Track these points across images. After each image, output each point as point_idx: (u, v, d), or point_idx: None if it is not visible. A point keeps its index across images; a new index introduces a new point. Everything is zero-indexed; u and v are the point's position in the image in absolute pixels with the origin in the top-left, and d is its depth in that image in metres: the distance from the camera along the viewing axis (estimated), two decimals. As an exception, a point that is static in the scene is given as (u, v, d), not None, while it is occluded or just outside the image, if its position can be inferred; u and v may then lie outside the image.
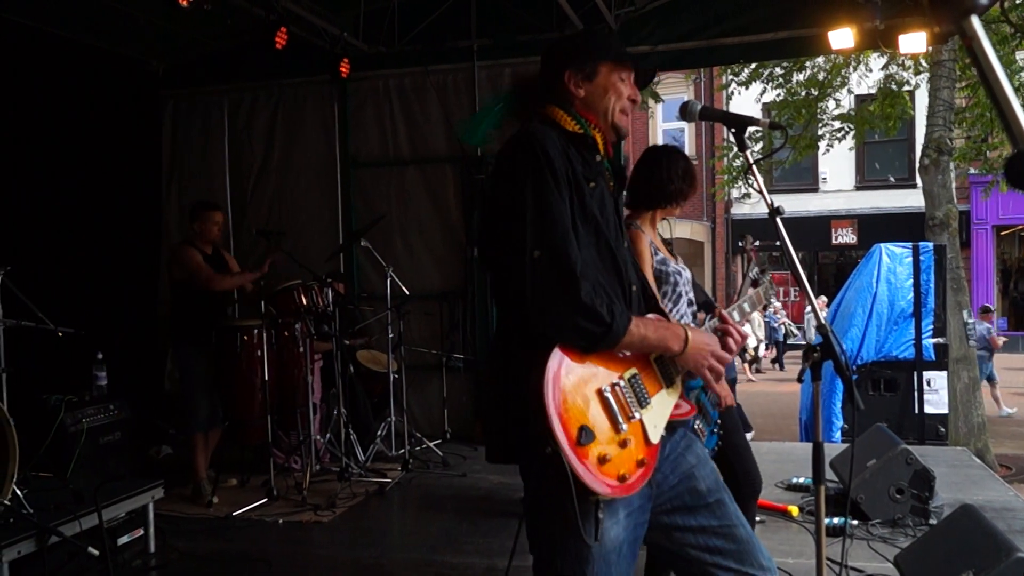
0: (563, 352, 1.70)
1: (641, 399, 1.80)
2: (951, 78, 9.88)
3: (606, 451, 1.70)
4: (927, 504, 4.32)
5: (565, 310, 1.69)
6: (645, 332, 1.79)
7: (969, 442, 8.86)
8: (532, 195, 1.74)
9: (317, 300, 5.44)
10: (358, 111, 7.18)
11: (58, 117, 6.02)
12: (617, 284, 1.87)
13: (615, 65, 1.95)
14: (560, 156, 1.78)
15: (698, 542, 1.94)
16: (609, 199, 1.92)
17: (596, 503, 1.72)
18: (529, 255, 1.70)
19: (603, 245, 1.85)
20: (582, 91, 1.93)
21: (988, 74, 0.72)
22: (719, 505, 1.98)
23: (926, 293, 7.72)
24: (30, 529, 3.41)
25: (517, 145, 1.82)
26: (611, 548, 1.79)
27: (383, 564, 4.20)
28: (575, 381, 1.70)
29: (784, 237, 2.06)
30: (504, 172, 1.83)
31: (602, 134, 1.95)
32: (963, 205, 16.84)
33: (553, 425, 1.63)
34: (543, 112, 1.95)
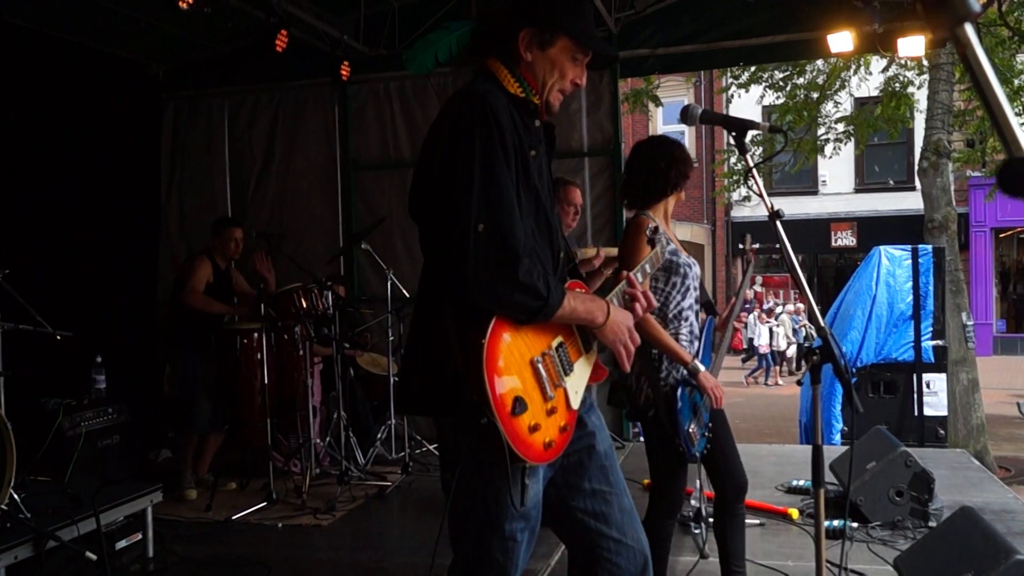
0: (499, 324, 1.72)
1: (566, 367, 1.86)
2: (950, 81, 9.89)
3: (536, 420, 1.75)
4: (927, 506, 4.32)
5: (505, 286, 1.70)
6: (575, 305, 1.82)
7: (968, 444, 8.87)
8: (480, 165, 1.73)
9: (317, 303, 5.44)
10: (359, 114, 7.19)
11: (58, 120, 6.03)
12: (548, 252, 1.90)
13: (574, 43, 1.90)
14: (509, 124, 1.78)
15: (586, 505, 1.98)
16: (545, 166, 1.93)
17: (523, 469, 1.77)
18: (473, 228, 1.70)
19: (541, 215, 1.87)
20: (529, 56, 1.89)
21: (981, 81, 0.73)
22: (612, 471, 2.02)
23: (925, 295, 7.73)
24: (27, 534, 3.39)
25: (469, 108, 1.78)
26: (531, 505, 1.84)
27: (383, 567, 4.19)
28: (510, 353, 1.73)
29: (784, 240, 2.06)
30: (451, 131, 1.78)
31: (539, 97, 1.92)
32: (962, 208, 16.86)
33: (490, 397, 1.66)
34: (487, 66, 1.93)
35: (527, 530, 1.87)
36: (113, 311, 6.24)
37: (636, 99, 11.46)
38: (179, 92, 7.32)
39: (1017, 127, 0.70)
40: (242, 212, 7.21)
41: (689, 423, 2.91)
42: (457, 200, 1.72)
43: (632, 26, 6.62)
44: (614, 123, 6.74)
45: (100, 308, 6.02)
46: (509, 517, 1.82)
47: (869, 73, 11.57)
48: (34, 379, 4.79)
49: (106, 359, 5.31)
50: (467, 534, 1.88)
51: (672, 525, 3.15)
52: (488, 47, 1.94)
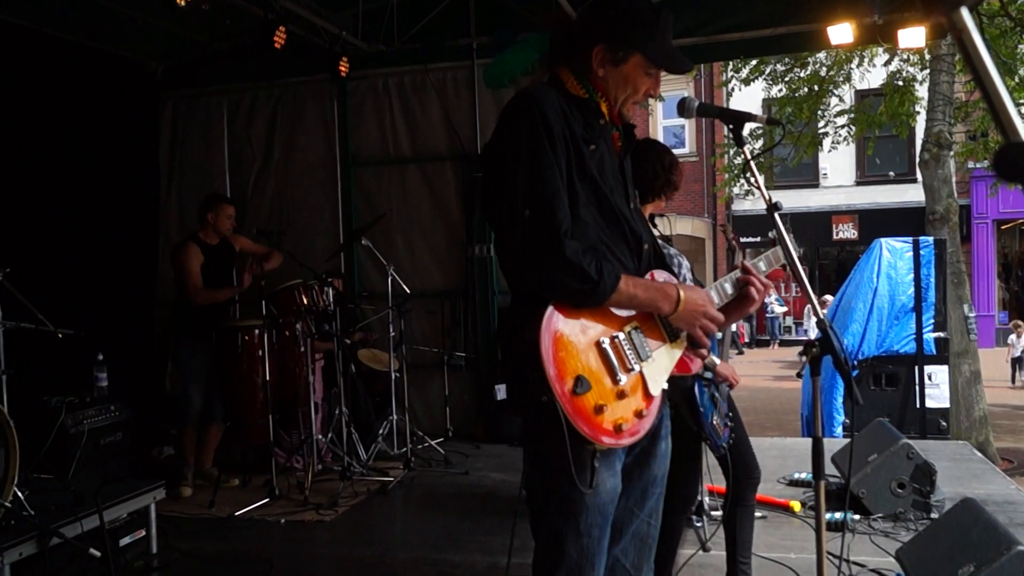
0: (556, 307, 1.74)
1: (641, 352, 1.85)
2: (951, 72, 9.86)
3: (603, 401, 1.74)
4: (928, 498, 4.32)
5: (551, 267, 1.73)
6: (635, 291, 1.82)
7: (970, 436, 8.85)
8: (525, 154, 1.77)
9: (318, 299, 5.45)
10: (358, 110, 7.18)
11: (57, 119, 6.02)
12: (622, 242, 1.90)
13: (648, 61, 1.90)
14: (557, 116, 1.80)
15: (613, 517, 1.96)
16: (611, 160, 1.93)
17: (592, 452, 1.77)
18: (520, 213, 1.75)
19: (605, 205, 1.87)
20: (602, 72, 1.90)
21: (978, 67, 0.72)
22: (650, 497, 2.02)
23: (927, 288, 7.72)
24: (31, 531, 3.41)
25: (515, 105, 1.85)
26: (607, 499, 1.84)
27: (385, 563, 4.20)
28: (570, 333, 1.74)
29: (782, 232, 2.06)
30: (501, 132, 1.86)
31: (607, 103, 1.93)
32: (963, 199, 16.84)
33: (548, 373, 1.68)
34: (555, 72, 1.94)
35: (603, 526, 1.84)
36: (114, 309, 6.25)
37: (636, 93, 11.40)
38: (178, 90, 7.32)
39: (1014, 113, 0.70)
40: (242, 210, 7.19)
41: (712, 416, 2.92)
42: (504, 189, 1.80)
43: (631, 20, 6.60)
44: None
45: (101, 306, 6.02)
46: (583, 510, 1.80)
47: (872, 65, 11.52)
48: (36, 377, 4.79)
49: (107, 357, 5.32)
50: (542, 528, 1.86)
51: (684, 520, 3.17)
52: (562, 57, 1.95)
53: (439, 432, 6.55)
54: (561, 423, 1.69)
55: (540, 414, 1.72)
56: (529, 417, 1.84)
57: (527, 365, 1.71)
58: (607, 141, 1.92)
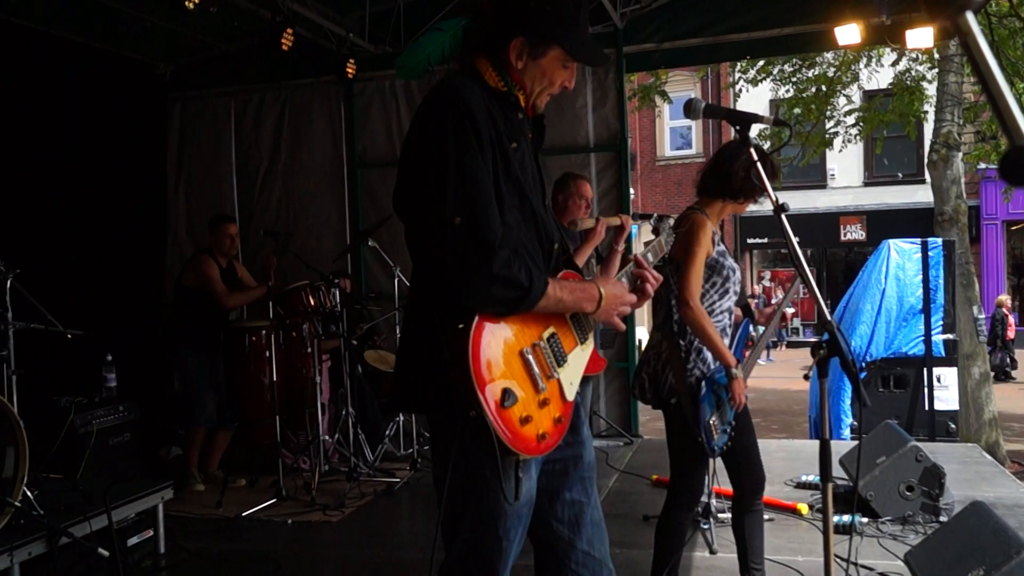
0: (483, 318, 1.70)
1: (559, 358, 1.84)
2: (959, 72, 9.82)
3: (527, 412, 1.73)
4: (937, 501, 4.30)
5: (482, 280, 1.68)
6: (561, 295, 1.80)
7: (980, 438, 8.82)
8: (454, 157, 1.70)
9: (324, 300, 5.46)
10: (365, 111, 7.20)
11: (66, 120, 6.06)
12: (537, 243, 1.87)
13: (566, 55, 1.86)
14: (484, 116, 1.75)
15: (563, 514, 1.97)
16: (529, 157, 1.90)
17: (516, 463, 1.76)
18: (449, 221, 1.68)
19: (526, 206, 1.84)
20: (520, 64, 1.85)
21: (983, 69, 0.72)
22: (591, 483, 2.01)
23: (935, 289, 7.69)
24: (40, 530, 3.43)
25: (440, 101, 1.76)
26: (524, 503, 1.83)
27: (392, 563, 4.21)
28: (497, 345, 1.71)
29: (789, 234, 2.05)
30: (425, 129, 1.77)
31: (524, 95, 1.90)
32: (972, 200, 16.74)
33: (478, 390, 1.65)
34: (472, 63, 1.89)
35: (519, 528, 1.85)
36: (122, 310, 6.27)
37: (645, 95, 11.41)
38: (185, 92, 7.35)
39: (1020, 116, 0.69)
40: (249, 211, 7.24)
41: (711, 415, 2.91)
42: (432, 194, 1.71)
43: (638, 20, 6.60)
44: (620, 118, 6.74)
45: (110, 307, 6.04)
46: (502, 515, 1.80)
47: (880, 65, 11.48)
48: (46, 377, 4.82)
49: (116, 357, 5.34)
50: (460, 532, 1.85)
51: (689, 518, 3.16)
52: (478, 47, 1.89)
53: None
54: (487, 436, 1.66)
55: (465, 427, 1.70)
56: (446, 425, 1.81)
57: (448, 376, 1.67)
58: (526, 137, 1.89)
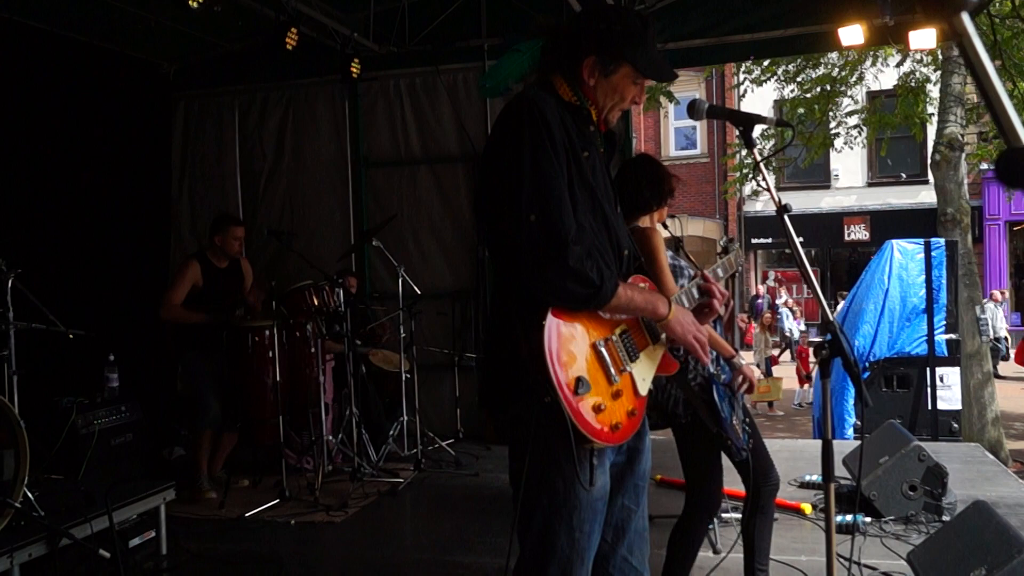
0: (555, 312, 1.79)
1: (631, 353, 1.92)
2: (962, 73, 9.80)
3: (601, 401, 1.81)
4: (940, 501, 4.29)
5: (556, 273, 1.76)
6: (632, 295, 1.89)
7: (982, 438, 8.80)
8: (530, 159, 1.80)
9: (328, 300, 5.45)
10: (369, 111, 7.20)
11: (70, 119, 6.07)
12: (610, 248, 1.95)
13: (636, 72, 1.96)
14: (558, 124, 1.85)
15: (613, 518, 2.01)
16: (601, 167, 1.99)
17: (591, 451, 1.82)
18: (525, 218, 1.77)
19: (599, 211, 1.93)
20: (592, 81, 1.96)
21: (979, 71, 0.72)
22: (643, 492, 2.08)
23: (938, 289, 7.68)
24: (41, 532, 3.42)
25: (517, 109, 1.87)
26: (598, 496, 1.88)
27: (395, 564, 4.21)
28: (571, 336, 1.80)
29: (791, 234, 2.05)
30: (503, 135, 1.88)
31: (596, 110, 1.99)
32: (976, 201, 16.71)
33: (552, 375, 1.72)
34: (548, 79, 1.99)
35: (594, 523, 1.89)
36: (125, 310, 6.27)
37: (651, 96, 11.41)
38: (189, 91, 7.36)
39: (1015, 118, 0.69)
40: (253, 210, 7.25)
41: (731, 418, 2.92)
42: (509, 193, 1.81)
43: (641, 21, 6.59)
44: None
45: (112, 307, 6.05)
46: (577, 506, 1.84)
47: (886, 64, 11.46)
48: (48, 378, 4.82)
49: (119, 358, 5.35)
50: (534, 523, 1.89)
51: (706, 528, 3.16)
52: (554, 65, 2.00)
53: (449, 433, 6.56)
54: (564, 423, 1.74)
55: (541, 414, 1.77)
56: (524, 417, 1.86)
57: (527, 367, 1.75)
58: (597, 147, 1.98)
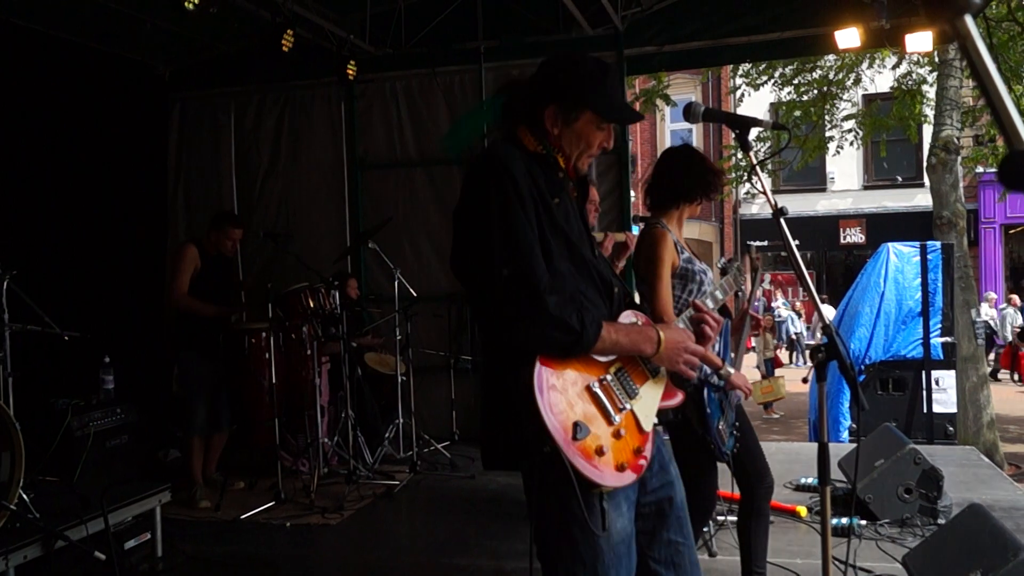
0: (542, 360, 1.76)
1: (630, 391, 1.88)
2: (958, 77, 9.83)
3: (602, 443, 1.78)
4: (935, 504, 4.30)
5: (535, 324, 1.76)
6: (617, 338, 1.86)
7: (978, 441, 8.81)
8: (498, 214, 1.80)
9: (324, 302, 5.45)
10: (365, 113, 7.20)
11: (65, 121, 6.05)
12: (594, 289, 1.94)
13: (598, 117, 1.95)
14: (524, 175, 1.84)
15: (662, 555, 2.00)
16: (574, 211, 1.98)
17: (599, 495, 1.79)
18: (498, 273, 1.77)
19: (576, 255, 1.91)
20: (556, 130, 1.95)
21: (982, 73, 0.72)
22: (685, 523, 2.05)
23: (934, 292, 7.70)
24: (36, 534, 3.42)
25: (482, 165, 1.88)
26: (619, 540, 1.84)
27: (391, 566, 4.20)
28: (562, 382, 1.77)
29: (787, 237, 2.05)
30: (471, 192, 1.89)
31: (564, 158, 1.98)
32: (971, 204, 16.74)
33: (547, 424, 1.70)
34: (512, 132, 1.99)
35: (620, 568, 1.85)
36: (121, 312, 6.26)
37: (648, 99, 11.42)
38: (185, 92, 7.35)
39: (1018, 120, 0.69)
40: (249, 212, 7.24)
41: (718, 421, 2.92)
42: (480, 251, 1.81)
43: (638, 23, 6.61)
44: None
45: (108, 309, 6.03)
46: (599, 554, 1.81)
47: (883, 66, 11.49)
48: (43, 380, 4.81)
49: (114, 359, 5.33)
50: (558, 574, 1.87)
51: (701, 529, 3.16)
52: (518, 118, 2.00)
53: (445, 436, 6.55)
54: (566, 471, 1.71)
55: (544, 465, 1.75)
56: (531, 470, 1.86)
57: (522, 420, 1.73)
58: (567, 193, 1.98)
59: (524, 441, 1.76)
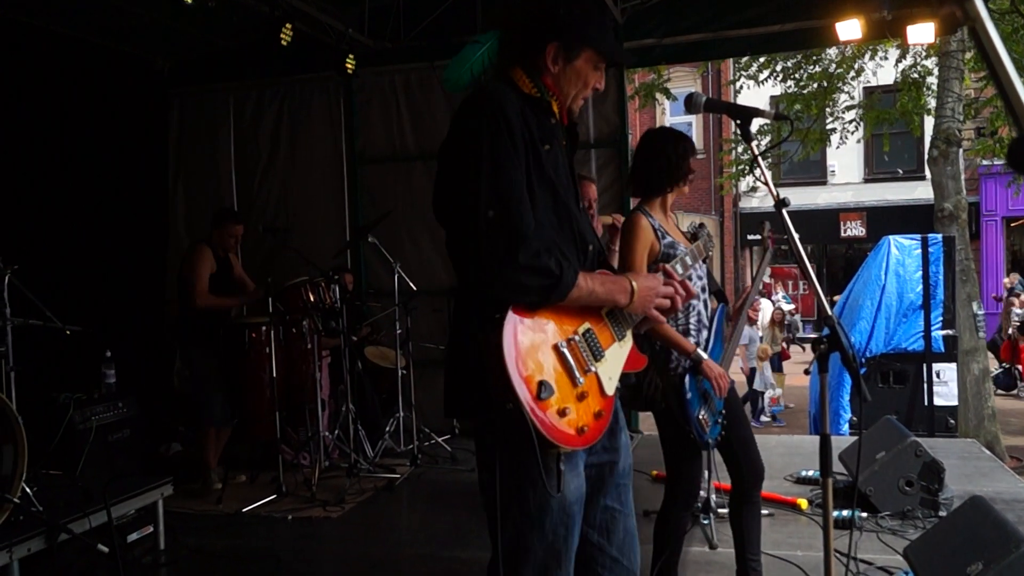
0: (516, 311, 1.74)
1: (596, 352, 1.86)
2: (959, 69, 9.81)
3: (566, 404, 1.75)
4: (936, 496, 4.30)
5: (514, 268, 1.72)
6: (593, 286, 1.83)
7: (979, 434, 8.82)
8: (488, 154, 1.76)
9: (324, 296, 5.45)
10: (364, 107, 7.18)
11: (65, 117, 6.04)
12: (571, 243, 1.91)
13: (598, 55, 1.94)
14: (517, 117, 1.81)
15: (596, 519, 1.99)
16: (563, 160, 1.95)
17: (557, 455, 1.77)
18: (483, 214, 1.73)
19: (560, 206, 1.89)
20: (556, 68, 1.92)
21: (992, 56, 0.72)
22: (626, 491, 2.03)
23: (935, 285, 7.69)
24: (40, 527, 3.44)
25: (475, 104, 1.84)
26: (572, 500, 1.84)
27: (392, 559, 4.21)
28: (531, 338, 1.74)
29: (790, 229, 2.05)
30: (461, 131, 1.84)
31: (558, 102, 1.96)
32: (972, 196, 16.70)
33: (513, 381, 1.67)
34: (507, 73, 1.95)
35: (570, 527, 1.84)
36: (122, 306, 6.26)
37: (648, 93, 11.39)
38: (184, 87, 7.33)
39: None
40: (248, 206, 7.23)
41: (699, 410, 2.92)
42: (467, 189, 1.76)
43: (638, 15, 6.58)
44: (620, 115, 6.72)
45: (109, 303, 6.04)
46: (548, 512, 1.80)
47: (885, 58, 11.45)
48: (45, 374, 4.81)
49: (116, 354, 5.33)
50: (506, 531, 1.85)
51: (688, 518, 3.17)
52: (515, 57, 1.97)
53: (446, 429, 6.55)
54: (527, 429, 1.68)
55: (504, 420, 1.72)
56: (488, 423, 1.83)
57: (487, 371, 1.71)
58: (559, 141, 1.95)
59: (485, 396, 1.73)
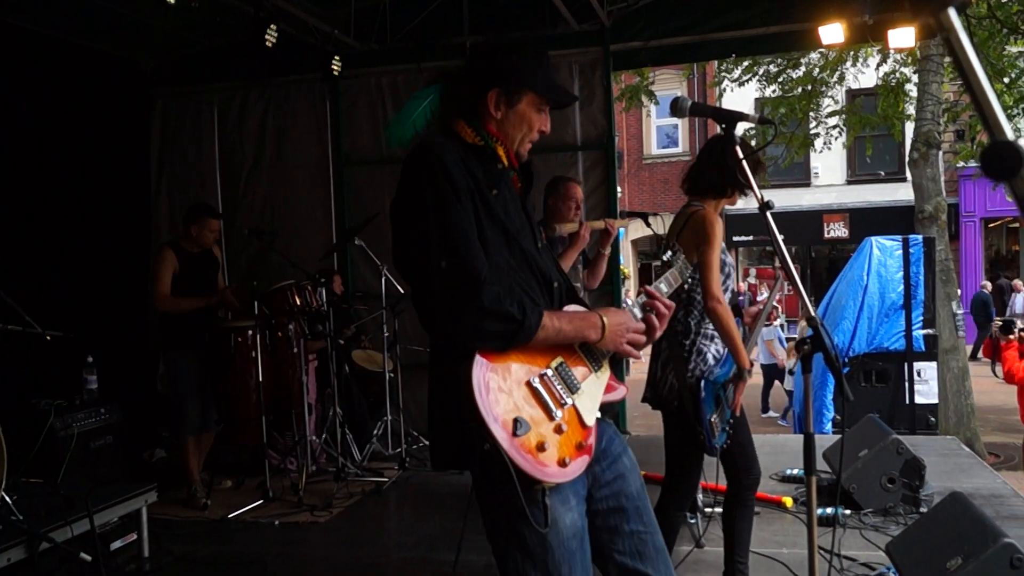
0: (481, 354, 1.75)
1: (571, 385, 1.86)
2: (939, 73, 9.92)
3: (544, 438, 1.76)
4: (918, 492, 4.36)
5: (474, 315, 1.75)
6: (560, 325, 1.85)
7: (959, 431, 8.92)
8: (433, 207, 1.80)
9: (310, 300, 5.43)
10: (350, 109, 7.16)
11: (46, 117, 5.98)
12: (534, 282, 1.93)
13: (539, 98, 1.97)
14: (458, 167, 1.84)
15: (626, 547, 1.99)
16: (514, 203, 1.97)
17: (542, 490, 1.77)
18: (436, 265, 1.77)
19: (515, 248, 1.91)
20: (499, 114, 1.95)
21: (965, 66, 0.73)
22: (645, 510, 2.03)
23: (916, 285, 7.78)
24: (20, 536, 3.38)
25: (416, 160, 1.87)
26: (570, 535, 1.83)
27: (381, 563, 4.20)
28: (502, 378, 1.76)
29: (774, 231, 2.07)
30: (405, 186, 1.88)
31: (504, 147, 1.98)
32: (952, 198, 16.91)
33: (487, 421, 1.69)
34: (448, 126, 1.98)
35: (574, 563, 1.83)
36: (104, 310, 6.19)
37: (633, 96, 11.44)
38: (168, 88, 7.27)
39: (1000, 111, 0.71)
40: (233, 208, 7.18)
41: (712, 414, 2.95)
42: (417, 245, 1.81)
43: (624, 18, 6.61)
44: (607, 117, 6.74)
45: (90, 308, 5.96)
46: (548, 550, 1.80)
47: (867, 65, 11.56)
48: (25, 380, 4.77)
49: (98, 359, 5.28)
50: (509, 570, 1.86)
51: (682, 517, 3.19)
52: (456, 109, 1.99)
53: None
54: (507, 467, 1.70)
55: (485, 462, 1.74)
56: (475, 467, 1.85)
57: (463, 415, 1.72)
58: (508, 184, 1.97)
59: (467, 439, 1.75)
